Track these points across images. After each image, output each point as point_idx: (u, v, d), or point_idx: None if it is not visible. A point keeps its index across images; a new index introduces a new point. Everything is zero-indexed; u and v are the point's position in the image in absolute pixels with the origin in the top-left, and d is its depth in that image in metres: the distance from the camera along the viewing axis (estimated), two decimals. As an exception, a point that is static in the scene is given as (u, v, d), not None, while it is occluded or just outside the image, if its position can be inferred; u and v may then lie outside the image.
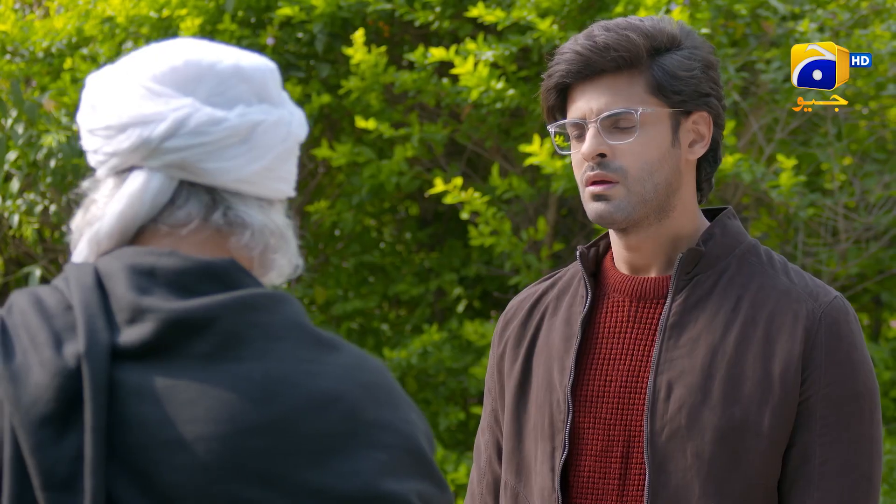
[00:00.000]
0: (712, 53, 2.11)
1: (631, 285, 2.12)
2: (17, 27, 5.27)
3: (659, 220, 2.08)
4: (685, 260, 2.07)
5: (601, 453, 2.09)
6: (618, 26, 2.06)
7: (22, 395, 1.30)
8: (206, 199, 1.42)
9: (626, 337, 2.11)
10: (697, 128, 2.09)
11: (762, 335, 2.03)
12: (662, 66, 2.05)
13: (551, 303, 2.21)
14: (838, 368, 2.03)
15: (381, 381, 1.37)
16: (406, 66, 5.07)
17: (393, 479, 1.32)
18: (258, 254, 1.44)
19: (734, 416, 2.00)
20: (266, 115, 1.43)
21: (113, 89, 1.43)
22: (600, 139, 2.04)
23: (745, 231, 2.14)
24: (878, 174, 4.92)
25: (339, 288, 5.41)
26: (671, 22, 2.10)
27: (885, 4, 4.85)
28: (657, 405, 2.04)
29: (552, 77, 2.09)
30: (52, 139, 4.83)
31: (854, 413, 2.03)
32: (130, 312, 1.34)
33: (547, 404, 2.13)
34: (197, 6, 4.94)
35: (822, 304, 2.05)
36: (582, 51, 2.05)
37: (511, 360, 2.22)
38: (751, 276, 2.08)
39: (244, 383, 1.30)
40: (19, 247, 5.52)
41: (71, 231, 1.46)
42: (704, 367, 2.03)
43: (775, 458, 2.02)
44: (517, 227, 5.05)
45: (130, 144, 1.41)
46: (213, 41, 1.49)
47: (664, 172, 2.06)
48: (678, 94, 2.06)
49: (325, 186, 5.51)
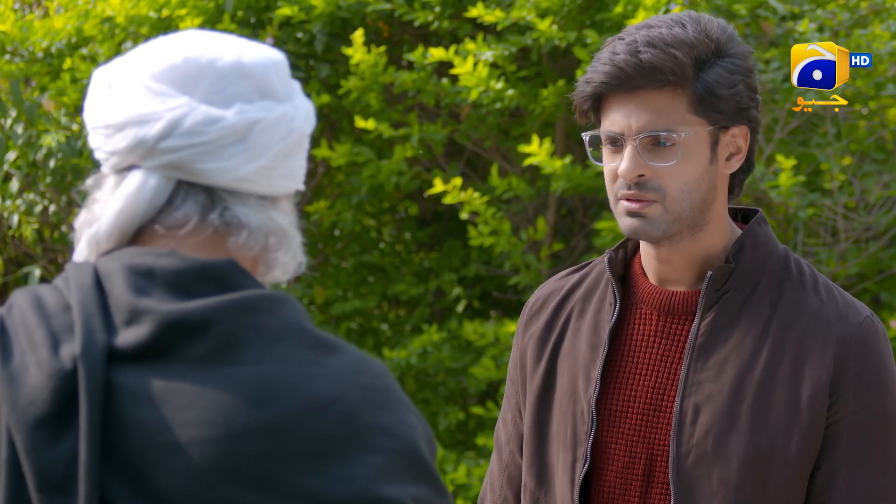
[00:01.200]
0: (751, 56, 2.04)
1: (660, 298, 2.08)
2: (16, 27, 5.27)
3: (692, 235, 2.03)
4: (715, 277, 2.02)
5: (623, 470, 2.06)
6: (663, 42, 1.96)
7: (18, 396, 1.30)
8: (203, 199, 1.41)
9: (653, 352, 2.07)
10: (735, 141, 2.03)
11: (791, 359, 2.00)
12: (706, 83, 1.97)
13: (577, 304, 2.17)
14: (866, 393, 1.99)
15: (381, 383, 1.36)
16: (405, 66, 5.07)
17: (390, 484, 1.31)
18: (258, 253, 1.43)
19: (761, 444, 1.97)
20: (266, 113, 1.42)
21: (113, 87, 1.43)
22: (639, 160, 1.97)
23: (775, 238, 2.09)
24: (877, 174, 4.92)
25: (338, 288, 5.40)
26: (711, 23, 2.01)
27: (884, 4, 4.85)
28: (684, 429, 2.00)
29: (589, 84, 2.00)
30: (52, 139, 4.83)
31: (881, 437, 2.00)
32: (128, 313, 1.33)
33: (570, 413, 2.10)
34: (196, 6, 4.94)
35: (853, 327, 2.00)
36: (625, 67, 1.96)
37: (534, 358, 2.18)
38: (781, 292, 2.04)
39: (241, 386, 1.30)
40: (19, 247, 5.51)
41: (74, 230, 1.45)
42: (732, 391, 1.99)
43: (801, 483, 2.00)
44: (517, 227, 5.04)
45: (127, 144, 1.40)
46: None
47: (701, 191, 2.00)
48: (720, 113, 1.99)
49: (324, 186, 5.51)
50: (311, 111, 1.48)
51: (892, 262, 5.16)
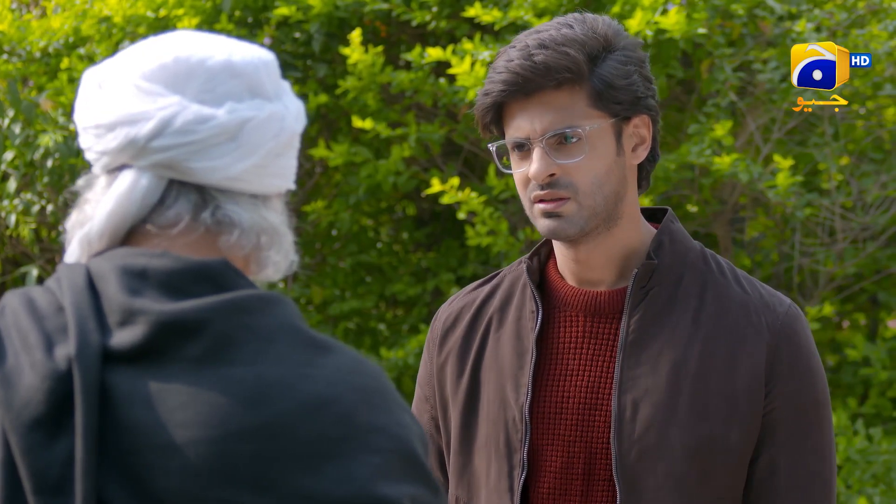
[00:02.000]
0: (640, 48, 2.10)
1: (584, 300, 2.10)
2: (13, 27, 5.27)
3: (608, 230, 2.06)
4: (640, 274, 2.05)
5: (561, 471, 2.07)
6: (554, 41, 2.01)
7: (13, 397, 1.30)
8: (195, 198, 1.41)
9: (583, 352, 2.09)
10: (638, 131, 2.07)
11: (724, 350, 2.03)
12: (601, 77, 2.02)
13: (495, 314, 2.17)
14: (800, 379, 2.04)
15: (376, 384, 1.36)
16: (403, 65, 5.07)
17: (386, 484, 1.31)
18: (249, 252, 1.43)
19: (702, 434, 2.01)
20: (257, 112, 1.41)
21: (104, 87, 1.42)
22: (548, 160, 2.01)
23: (688, 234, 2.14)
24: (875, 174, 4.92)
25: (335, 288, 5.40)
26: (597, 20, 2.07)
27: (882, 4, 4.85)
28: (623, 425, 2.03)
29: (489, 95, 2.04)
30: (49, 139, 4.83)
31: (815, 421, 2.06)
32: (122, 314, 1.33)
33: (501, 422, 2.10)
34: (194, 6, 4.94)
35: (780, 316, 2.06)
36: (521, 71, 2.00)
37: (455, 373, 2.18)
38: (704, 285, 2.07)
39: (236, 387, 1.30)
40: (16, 246, 5.51)
41: (66, 231, 1.45)
42: (669, 384, 2.02)
43: (742, 471, 2.04)
44: (514, 226, 5.04)
45: (118, 144, 1.40)
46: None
47: (612, 183, 2.04)
48: (619, 104, 2.03)
49: (321, 186, 5.51)
50: (302, 111, 1.48)
51: (889, 262, 5.16)
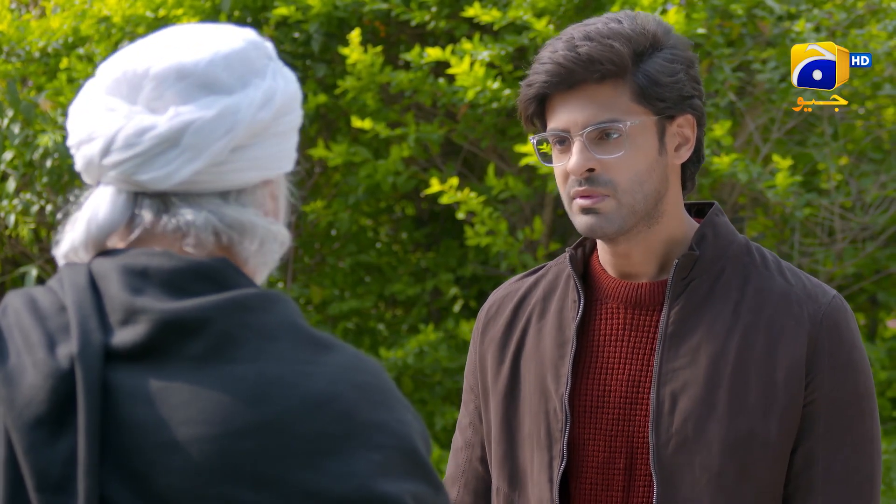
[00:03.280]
0: (690, 49, 2.07)
1: (625, 291, 2.08)
2: (13, 27, 5.27)
3: (648, 227, 2.04)
4: (680, 266, 2.03)
5: (603, 465, 2.06)
6: (600, 34, 1.99)
7: (16, 396, 1.30)
8: (158, 206, 1.41)
9: (624, 345, 2.08)
10: (682, 131, 2.05)
11: (764, 341, 2.01)
12: (646, 73, 2.00)
13: (537, 304, 2.16)
14: (841, 372, 2.01)
15: (376, 381, 1.37)
16: (402, 65, 5.07)
17: (387, 480, 1.31)
18: (213, 250, 1.41)
19: (741, 428, 1.98)
20: (203, 112, 1.38)
21: (78, 107, 1.44)
22: (588, 154, 1.99)
23: (734, 228, 2.11)
24: (874, 174, 4.93)
25: (335, 288, 5.41)
26: (647, 18, 2.05)
27: (881, 4, 4.85)
28: (662, 418, 2.01)
29: (532, 87, 2.03)
30: (49, 139, 4.83)
31: (856, 415, 2.02)
32: (124, 313, 1.33)
33: (542, 413, 2.09)
34: (193, 6, 4.94)
35: (823, 306, 2.02)
36: (564, 62, 1.99)
37: (496, 362, 2.17)
38: (746, 278, 2.05)
39: (237, 384, 1.30)
40: (15, 247, 5.51)
41: (58, 242, 1.46)
42: (708, 377, 2.00)
43: (782, 465, 2.01)
44: (513, 226, 5.05)
45: (82, 163, 1.43)
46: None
47: (653, 182, 2.02)
48: (663, 101, 2.01)
49: (321, 186, 5.51)
50: (274, 96, 1.43)
51: (888, 262, 5.17)
